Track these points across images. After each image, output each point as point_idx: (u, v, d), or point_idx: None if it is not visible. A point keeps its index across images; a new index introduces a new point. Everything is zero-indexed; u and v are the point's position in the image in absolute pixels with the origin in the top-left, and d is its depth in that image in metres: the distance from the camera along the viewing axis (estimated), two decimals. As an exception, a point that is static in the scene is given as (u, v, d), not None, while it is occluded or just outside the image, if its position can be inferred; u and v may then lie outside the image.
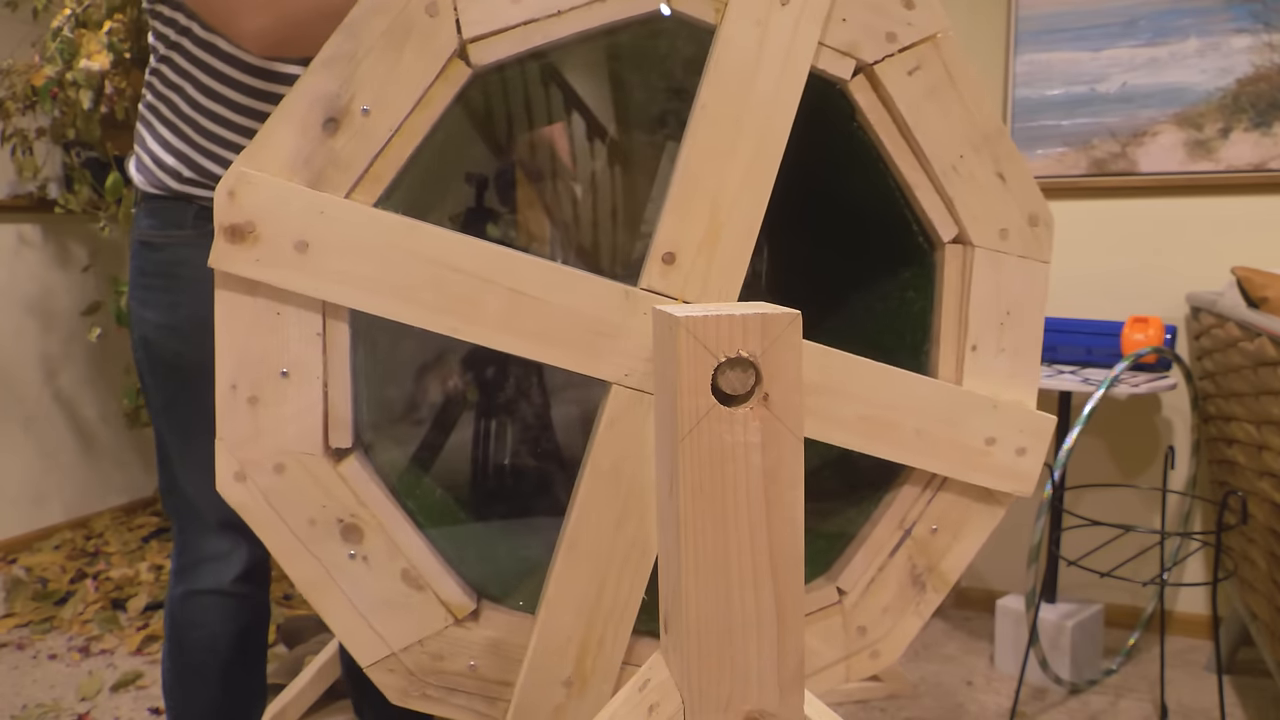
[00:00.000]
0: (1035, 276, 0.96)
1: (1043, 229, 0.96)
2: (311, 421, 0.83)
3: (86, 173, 3.03)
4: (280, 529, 0.83)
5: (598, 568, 0.87)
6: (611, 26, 0.87)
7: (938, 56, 0.92)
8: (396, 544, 0.86)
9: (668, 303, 0.85)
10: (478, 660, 0.88)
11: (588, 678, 0.88)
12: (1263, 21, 2.27)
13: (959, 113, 0.93)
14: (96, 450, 3.41)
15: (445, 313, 0.82)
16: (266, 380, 0.82)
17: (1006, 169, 0.95)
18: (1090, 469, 2.50)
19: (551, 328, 0.83)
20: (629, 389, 0.85)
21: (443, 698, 0.88)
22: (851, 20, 0.89)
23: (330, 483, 0.84)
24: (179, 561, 1.32)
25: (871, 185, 1.01)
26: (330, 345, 0.83)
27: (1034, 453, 0.96)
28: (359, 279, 0.81)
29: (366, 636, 0.86)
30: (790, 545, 0.67)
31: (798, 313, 0.64)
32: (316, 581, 0.84)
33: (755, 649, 0.67)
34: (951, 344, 0.96)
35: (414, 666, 0.87)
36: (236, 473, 0.82)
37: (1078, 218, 2.46)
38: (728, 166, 0.86)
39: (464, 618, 0.88)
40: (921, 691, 2.18)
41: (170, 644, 1.33)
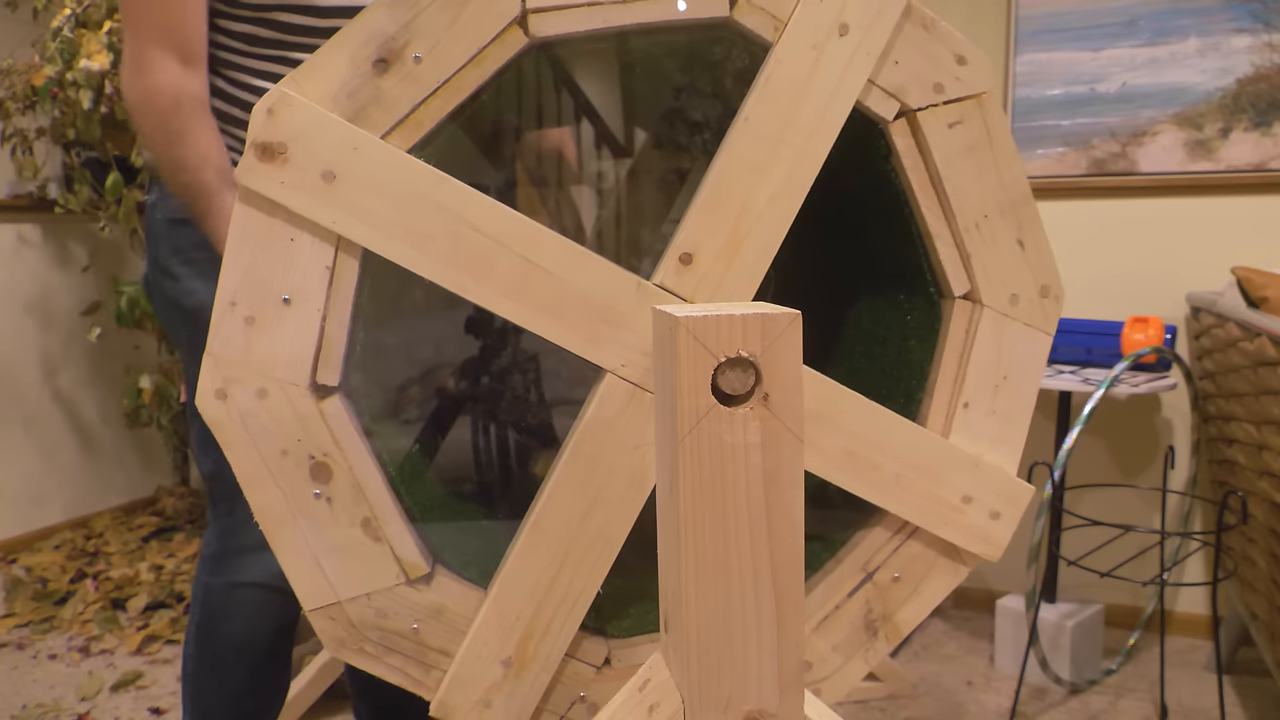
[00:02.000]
0: (1037, 347, 0.97)
1: (1052, 302, 0.97)
2: (303, 353, 0.83)
3: (86, 173, 3.03)
4: (251, 454, 0.83)
5: (559, 553, 0.86)
6: (671, 25, 0.87)
7: (980, 115, 0.93)
8: (363, 491, 0.85)
9: (678, 303, 0.85)
10: (421, 624, 0.88)
11: (528, 661, 0.88)
12: (1263, 21, 2.27)
13: (991, 173, 0.94)
14: (96, 450, 3.41)
15: (457, 269, 0.82)
16: (267, 303, 0.81)
17: (1027, 237, 0.96)
18: (1090, 469, 2.50)
19: (558, 304, 0.83)
20: (623, 380, 0.85)
21: (379, 656, 0.87)
22: (904, 64, 0.91)
23: (310, 417, 0.83)
24: (219, 546, 1.30)
25: (893, 228, 1.01)
26: (337, 281, 0.82)
27: (1007, 519, 0.97)
28: (379, 220, 0.81)
29: (315, 579, 0.85)
30: (790, 545, 0.67)
31: (797, 313, 0.64)
32: (277, 514, 0.83)
33: (755, 649, 0.67)
34: (945, 397, 0.97)
35: (356, 619, 0.86)
36: (219, 389, 0.82)
37: (1078, 218, 2.46)
38: (760, 181, 0.86)
39: (416, 579, 0.87)
40: (921, 691, 2.18)
41: (200, 630, 1.31)
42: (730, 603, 0.66)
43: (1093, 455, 2.50)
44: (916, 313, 1.03)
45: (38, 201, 3.12)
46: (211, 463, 1.30)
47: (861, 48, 0.88)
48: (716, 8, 0.86)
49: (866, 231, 1.09)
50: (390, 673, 0.88)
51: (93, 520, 3.33)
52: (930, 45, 0.91)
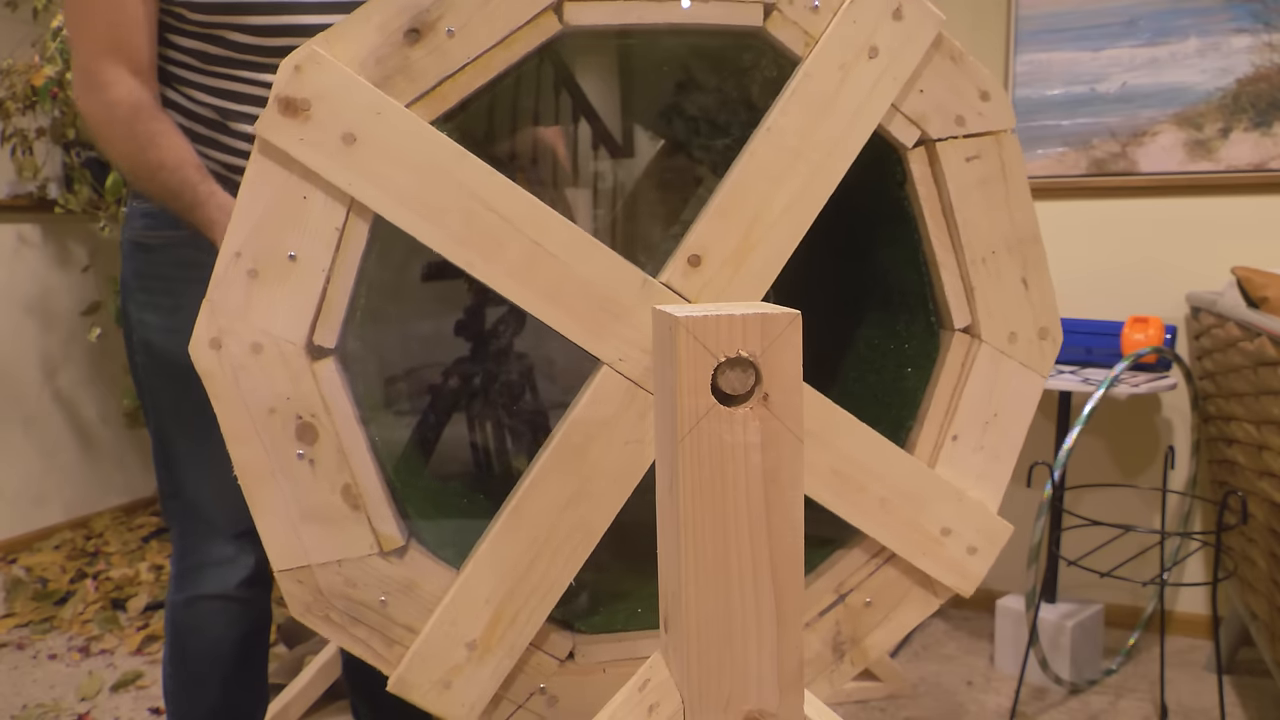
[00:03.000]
0: (1030, 387, 0.98)
1: (1050, 344, 0.98)
2: (303, 312, 0.82)
3: (86, 173, 3.03)
4: (238, 408, 0.82)
5: (536, 540, 0.86)
6: (703, 28, 0.88)
7: (998, 152, 0.94)
8: (346, 457, 0.85)
9: (681, 304, 0.85)
10: (390, 598, 0.87)
11: (492, 646, 0.87)
12: (1263, 21, 2.27)
13: (1003, 210, 0.95)
14: (96, 450, 3.41)
15: (467, 245, 0.82)
16: (272, 258, 0.81)
17: (1032, 276, 0.96)
18: (1090, 469, 2.50)
19: (562, 290, 0.83)
20: (619, 374, 0.85)
21: (344, 625, 0.87)
22: (928, 93, 0.91)
23: (302, 377, 0.83)
24: (180, 565, 1.31)
25: (900, 254, 1.02)
26: (345, 243, 0.82)
27: (984, 555, 0.97)
28: (395, 188, 0.81)
29: (288, 540, 0.84)
30: (790, 545, 0.67)
31: (797, 313, 0.64)
32: (258, 472, 0.83)
33: (755, 649, 0.67)
34: (935, 428, 0.97)
35: (325, 585, 0.86)
36: (213, 339, 0.81)
37: (1078, 218, 2.46)
38: (776, 191, 0.87)
39: (390, 551, 0.87)
40: (921, 691, 2.18)
41: (172, 649, 1.33)
42: (730, 603, 0.66)
43: (1093, 455, 2.50)
44: (915, 341, 1.03)
45: (38, 201, 3.12)
46: (169, 483, 1.31)
47: (889, 72, 0.89)
48: (750, 17, 0.87)
49: (874, 255, 1.09)
50: (353, 644, 0.87)
51: (93, 520, 3.33)
52: (956, 77, 0.92)
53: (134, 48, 1.13)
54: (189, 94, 1.21)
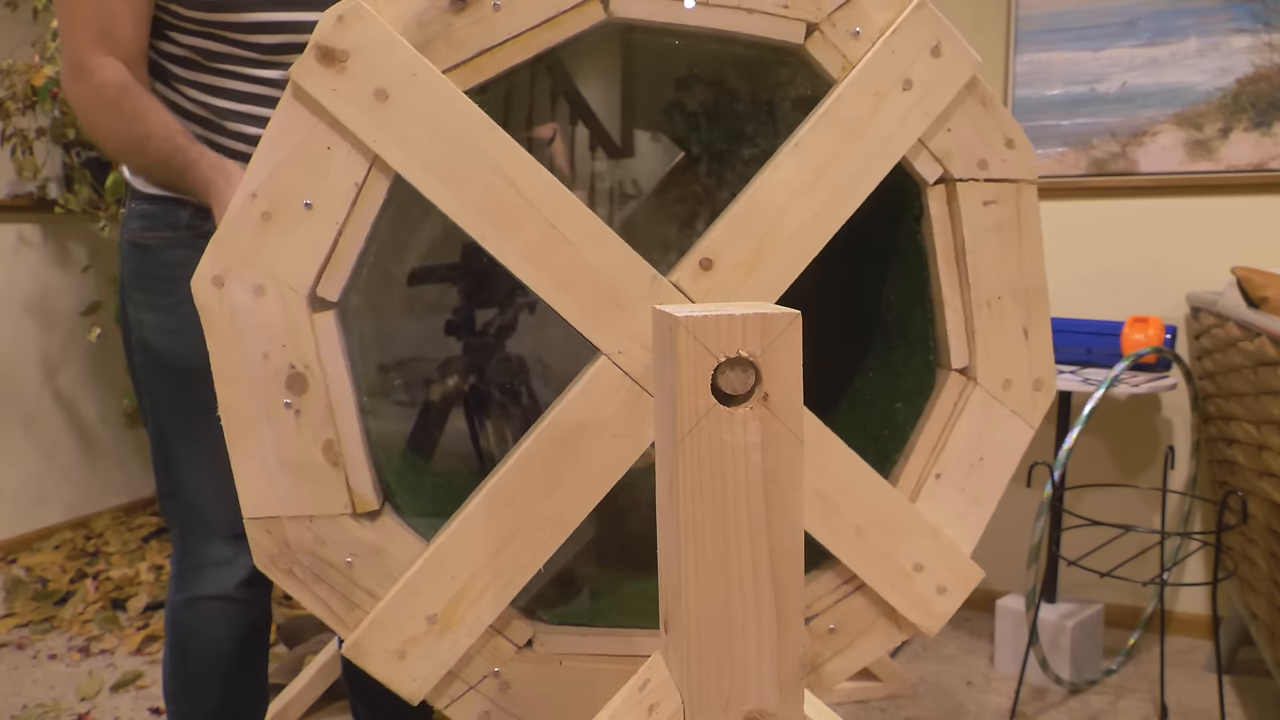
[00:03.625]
0: (1019, 436, 0.98)
1: (1043, 396, 0.98)
2: (311, 261, 0.82)
3: (86, 173, 3.03)
4: (233, 349, 0.82)
5: (512, 523, 0.86)
6: (744, 38, 0.88)
7: (1016, 200, 0.95)
8: (333, 413, 0.84)
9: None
10: (357, 560, 0.87)
11: (452, 623, 0.87)
12: (1263, 21, 2.27)
13: (1014, 258, 0.95)
14: (96, 450, 3.41)
15: (483, 218, 0.82)
16: (288, 204, 0.81)
17: (1034, 327, 0.97)
18: (1090, 469, 2.50)
19: (571, 276, 0.83)
20: (617, 367, 0.85)
21: (306, 582, 0.86)
22: (956, 133, 0.92)
23: (300, 326, 0.83)
24: (179, 566, 1.31)
25: (907, 289, 1.02)
26: (362, 200, 0.82)
27: (952, 596, 0.97)
28: (420, 151, 0.81)
29: (263, 488, 0.84)
30: (790, 545, 0.67)
31: (797, 313, 0.64)
32: (244, 415, 0.83)
33: (755, 649, 0.67)
34: (920, 463, 0.97)
35: (293, 539, 0.85)
36: (216, 276, 0.81)
37: (1078, 218, 2.46)
38: (795, 206, 0.87)
39: (363, 513, 0.86)
40: (921, 691, 2.18)
41: (171, 650, 1.33)
42: (730, 603, 0.66)
43: (1093, 455, 2.50)
44: (911, 376, 1.04)
45: (38, 201, 3.12)
46: (167, 483, 1.31)
47: (921, 106, 0.90)
48: (792, 33, 0.88)
49: (882, 286, 1.09)
50: (313, 602, 0.86)
51: (93, 520, 3.33)
52: (984, 121, 0.93)
53: (124, 39, 1.13)
54: (184, 91, 1.21)
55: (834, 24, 0.88)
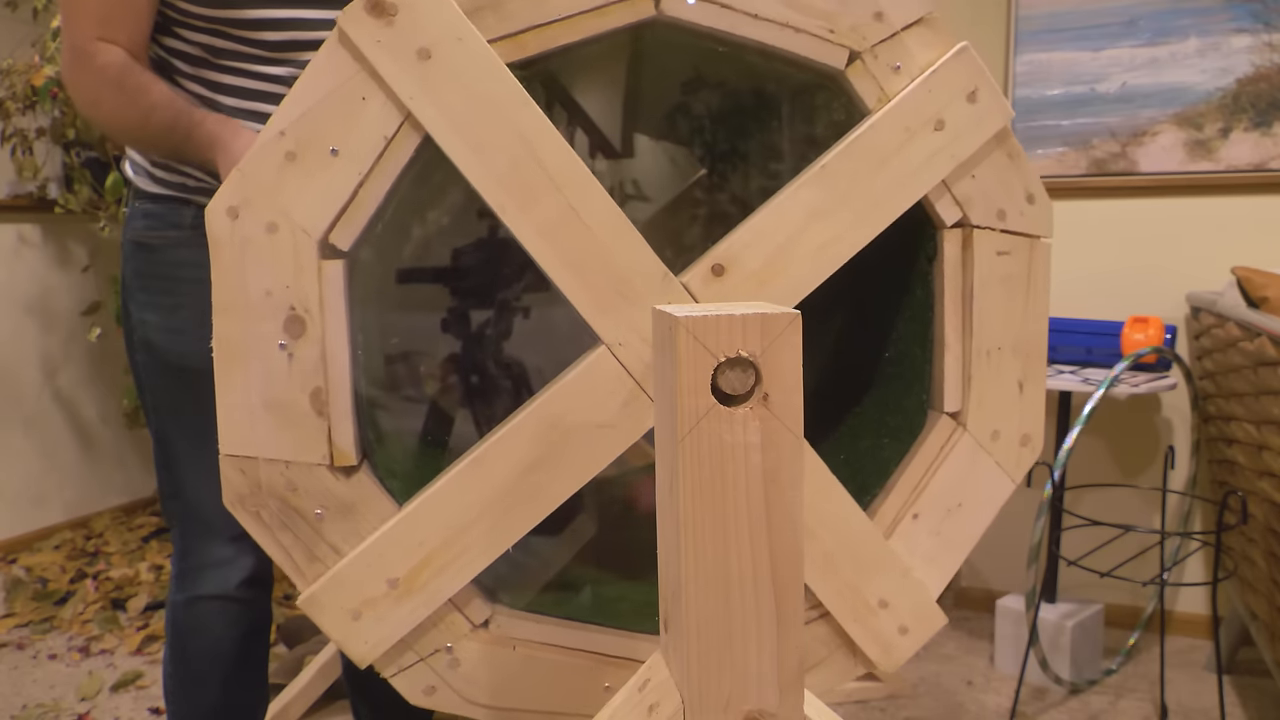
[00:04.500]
0: (999, 489, 0.98)
1: (1028, 452, 0.99)
2: (329, 207, 0.82)
3: (86, 173, 3.03)
4: (237, 279, 0.82)
5: (487, 496, 0.85)
6: (787, 56, 0.89)
7: (1029, 255, 0.96)
8: (326, 361, 0.84)
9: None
10: (327, 513, 0.86)
11: (413, 590, 0.86)
12: (1263, 21, 2.27)
13: (1019, 311, 0.96)
14: (96, 450, 3.41)
15: (506, 189, 0.82)
16: (314, 147, 0.81)
17: (1029, 383, 0.97)
18: (1090, 469, 2.50)
19: (583, 259, 0.84)
20: (614, 358, 0.85)
21: (271, 527, 0.85)
22: (979, 180, 0.93)
23: (307, 269, 0.82)
24: (180, 566, 1.31)
25: (909, 327, 1.03)
26: (389, 154, 0.82)
27: (913, 638, 0.97)
28: (454, 114, 0.81)
29: (244, 426, 0.84)
30: (790, 545, 0.67)
31: (797, 313, 0.64)
32: (235, 349, 0.82)
33: (755, 649, 0.67)
34: (899, 501, 0.97)
35: (266, 481, 0.85)
36: (231, 208, 0.81)
37: (1078, 218, 2.46)
38: (814, 226, 0.88)
39: (340, 466, 0.86)
40: (921, 691, 2.18)
41: (172, 649, 1.33)
42: (730, 603, 0.66)
43: (1093, 455, 2.50)
44: (901, 414, 1.04)
45: (38, 201, 3.12)
46: (169, 483, 1.31)
47: (949, 148, 0.91)
48: (835, 58, 0.89)
49: (885, 321, 1.10)
50: (275, 549, 0.86)
51: (93, 520, 3.33)
52: (1008, 173, 0.94)
53: (126, 29, 1.13)
54: (190, 89, 1.21)
55: (876, 56, 0.90)
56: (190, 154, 1.15)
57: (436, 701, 0.90)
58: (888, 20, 0.90)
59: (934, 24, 0.90)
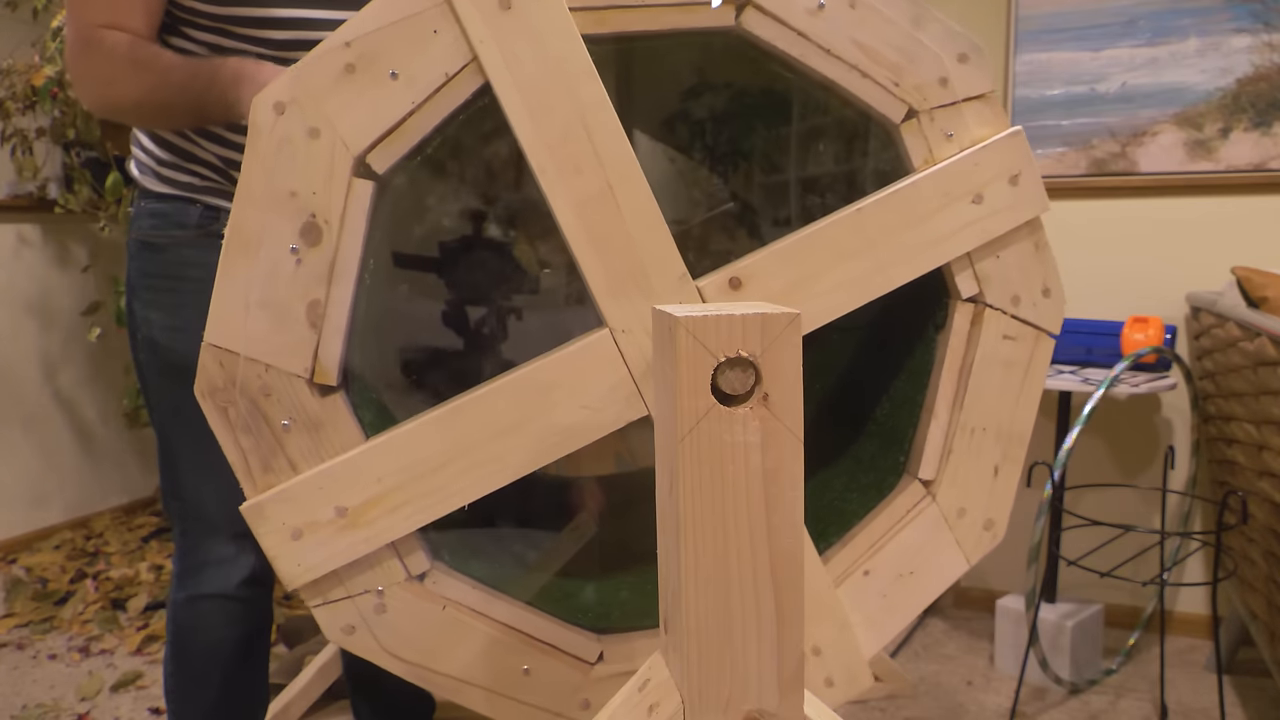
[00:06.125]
0: (953, 568, 0.99)
1: (989, 536, 1.00)
2: (374, 127, 0.82)
3: (86, 173, 3.03)
4: (266, 173, 0.82)
5: (457, 448, 0.85)
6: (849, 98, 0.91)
7: (1033, 347, 0.97)
8: (332, 276, 0.84)
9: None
10: (293, 426, 0.85)
11: (359, 524, 0.85)
12: (1263, 21, 2.27)
13: (1012, 398, 0.97)
14: (96, 450, 3.41)
15: (551, 155, 0.83)
16: (376, 65, 0.81)
17: (1005, 470, 0.99)
18: (1090, 469, 2.50)
19: (608, 240, 0.84)
20: (614, 344, 0.85)
21: (235, 426, 0.84)
22: (1003, 261, 0.95)
23: (338, 181, 0.83)
24: (181, 565, 1.31)
25: (904, 386, 1.04)
26: (445, 91, 0.83)
27: (837, 693, 0.96)
28: (519, 69, 0.82)
29: (234, 319, 0.83)
30: (790, 545, 0.67)
31: (798, 312, 0.64)
32: (245, 241, 0.82)
33: (755, 649, 0.67)
34: (853, 555, 0.98)
35: (242, 378, 0.84)
36: (279, 103, 0.81)
37: (1078, 218, 2.46)
38: (837, 264, 0.90)
39: (317, 383, 0.85)
40: (921, 691, 2.18)
41: (173, 648, 1.33)
42: (730, 603, 0.66)
43: (1093, 455, 2.50)
44: (874, 472, 1.05)
45: (38, 201, 3.12)
46: (170, 482, 1.31)
47: (982, 224, 0.92)
48: (893, 111, 0.91)
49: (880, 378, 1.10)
50: (234, 450, 0.85)
51: (93, 520, 3.33)
52: (1031, 263, 0.96)
53: (135, 20, 1.12)
54: None
55: (933, 118, 0.92)
56: (213, 101, 1.11)
57: (352, 643, 0.89)
58: (951, 88, 0.92)
59: (993, 103, 0.93)
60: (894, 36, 0.90)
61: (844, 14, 0.89)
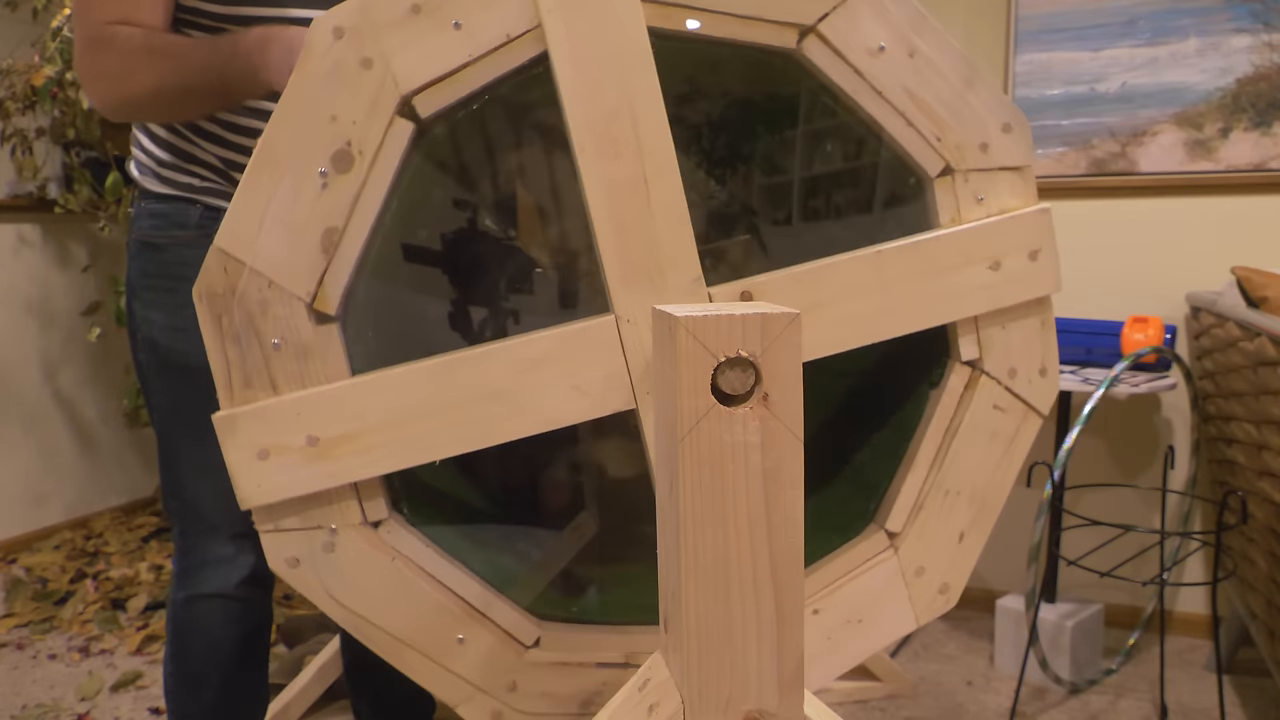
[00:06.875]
0: (902, 623, 1.00)
1: (942, 600, 1.00)
2: (428, 71, 0.83)
3: (86, 173, 3.03)
4: (311, 94, 0.81)
5: (441, 403, 0.85)
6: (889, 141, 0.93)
7: (1020, 423, 0.99)
8: (354, 208, 0.84)
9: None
10: (284, 347, 0.85)
11: (328, 457, 0.85)
12: (1263, 21, 2.27)
13: (990, 469, 0.99)
14: (96, 450, 3.41)
15: (594, 136, 0.84)
16: (441, 11, 0.82)
17: (970, 536, 1.00)
18: (1090, 469, 2.50)
19: (631, 229, 0.85)
20: (616, 332, 0.86)
21: (227, 334, 0.84)
22: (1007, 332, 0.97)
23: (380, 116, 0.83)
24: (181, 564, 1.31)
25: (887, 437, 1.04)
26: (503, 52, 0.84)
27: None
28: (581, 47, 0.83)
29: (248, 230, 0.83)
30: (790, 545, 0.67)
31: (798, 312, 0.64)
32: (275, 157, 0.82)
33: (755, 649, 0.67)
34: (807, 591, 0.98)
35: (243, 289, 0.83)
36: (339, 28, 0.81)
37: (1078, 218, 2.46)
38: (849, 299, 0.91)
39: (316, 310, 0.85)
40: (921, 691, 2.18)
41: (172, 648, 1.33)
42: (730, 603, 0.66)
43: (1093, 455, 2.50)
44: (841, 516, 1.05)
45: (38, 201, 3.12)
46: (170, 482, 1.31)
47: (994, 290, 0.94)
48: (931, 165, 0.93)
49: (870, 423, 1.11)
50: (217, 355, 0.84)
51: (93, 520, 3.33)
52: (1034, 339, 0.97)
53: (146, 15, 1.11)
54: None
55: (967, 180, 0.93)
56: (237, 72, 1.09)
57: (295, 576, 0.88)
58: (990, 154, 0.94)
59: (1027, 177, 0.95)
60: (945, 93, 0.92)
61: (902, 61, 0.91)
